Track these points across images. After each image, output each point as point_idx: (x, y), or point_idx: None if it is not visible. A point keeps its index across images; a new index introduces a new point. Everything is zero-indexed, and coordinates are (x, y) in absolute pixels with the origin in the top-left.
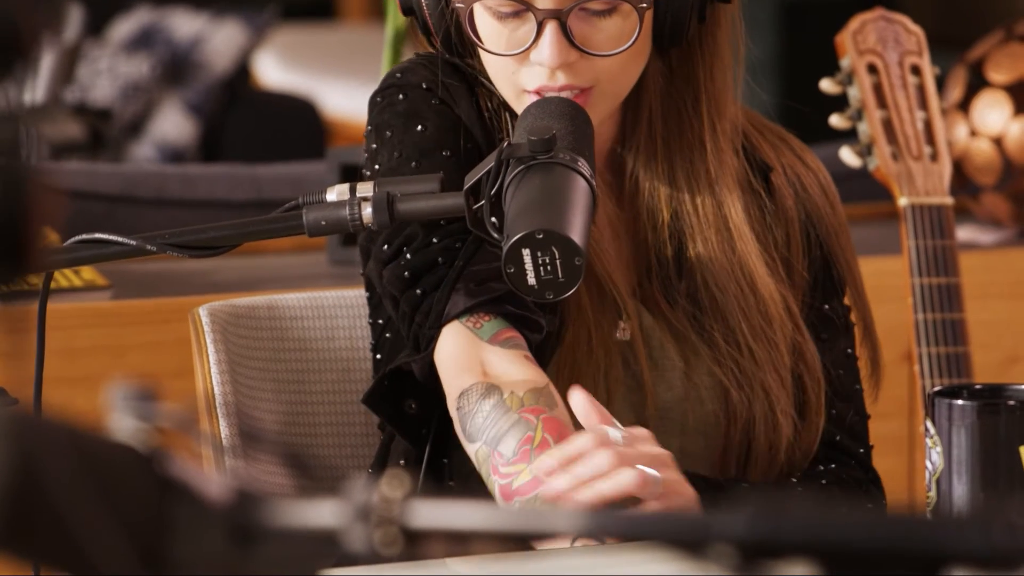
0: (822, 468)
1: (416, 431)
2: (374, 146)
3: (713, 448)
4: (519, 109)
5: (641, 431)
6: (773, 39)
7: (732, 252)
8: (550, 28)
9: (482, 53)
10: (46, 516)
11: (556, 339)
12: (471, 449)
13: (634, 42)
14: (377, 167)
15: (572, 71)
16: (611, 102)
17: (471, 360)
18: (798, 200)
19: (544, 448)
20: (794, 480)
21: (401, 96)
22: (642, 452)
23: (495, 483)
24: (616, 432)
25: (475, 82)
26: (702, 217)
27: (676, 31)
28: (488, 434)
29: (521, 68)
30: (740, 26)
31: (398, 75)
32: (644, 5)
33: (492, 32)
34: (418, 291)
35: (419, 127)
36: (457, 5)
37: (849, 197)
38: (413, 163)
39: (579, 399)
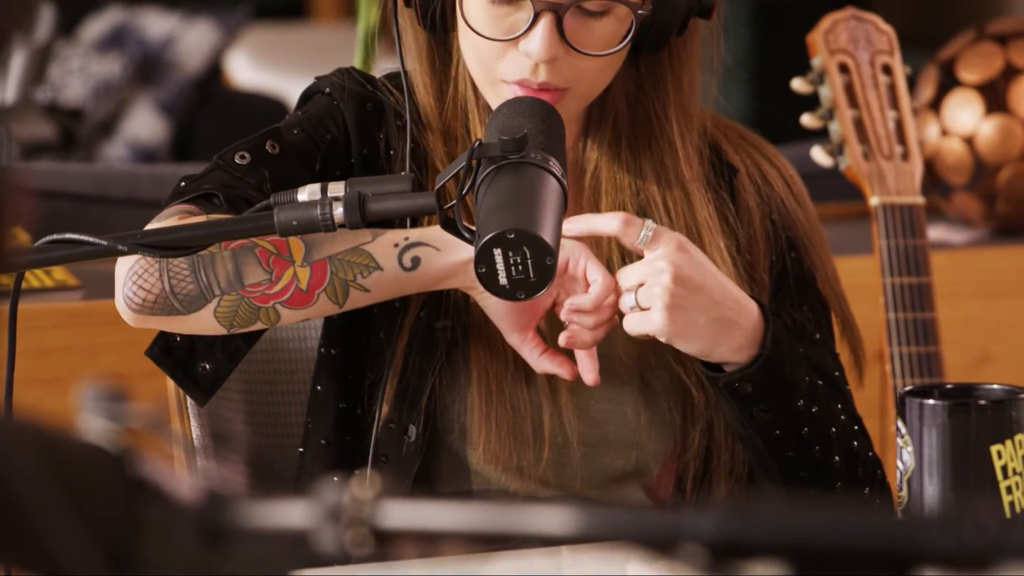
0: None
1: (208, 390)
2: None
3: (668, 443)
4: (490, 97)
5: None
6: (745, 38)
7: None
8: (545, 20)
9: (464, 34)
10: (14, 517)
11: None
12: (208, 312)
13: (624, 45)
14: None
15: (554, 68)
16: (581, 104)
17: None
18: (763, 200)
19: (282, 250)
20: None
21: (308, 99)
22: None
23: (274, 306)
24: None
25: (396, 104)
26: (673, 216)
27: (657, 41)
28: (218, 283)
29: (504, 56)
30: (716, 40)
31: (315, 81)
32: (641, 12)
33: (483, 14)
34: None
35: (299, 113)
36: None
37: (820, 197)
38: (268, 141)
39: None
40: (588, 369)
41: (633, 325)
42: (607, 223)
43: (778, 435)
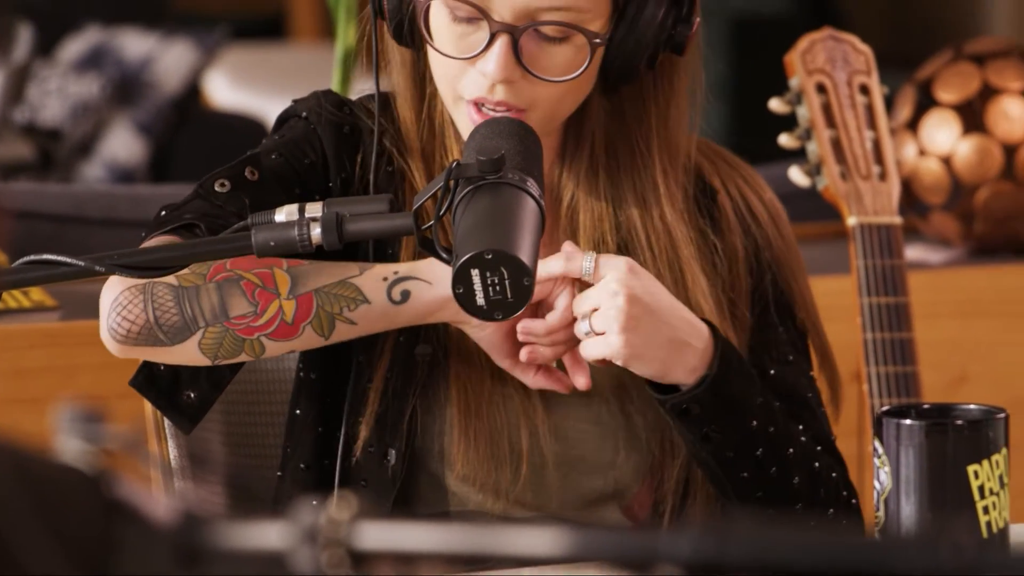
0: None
1: (193, 419)
2: None
3: (646, 465)
4: (455, 113)
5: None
6: (723, 59)
7: (684, 290)
8: (501, 41)
9: (430, 50)
10: None
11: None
12: (192, 344)
13: (580, 74)
14: None
15: (512, 89)
16: (543, 127)
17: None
18: (747, 231)
19: (268, 282)
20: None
21: (284, 123)
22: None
23: (259, 338)
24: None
25: (374, 129)
26: (656, 252)
27: (624, 73)
28: (202, 315)
29: (464, 74)
30: (700, 76)
31: (292, 104)
32: (598, 40)
33: (445, 32)
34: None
35: (276, 137)
36: None
37: (798, 217)
38: (247, 168)
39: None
40: (578, 374)
41: (590, 350)
42: (554, 267)
43: (731, 456)
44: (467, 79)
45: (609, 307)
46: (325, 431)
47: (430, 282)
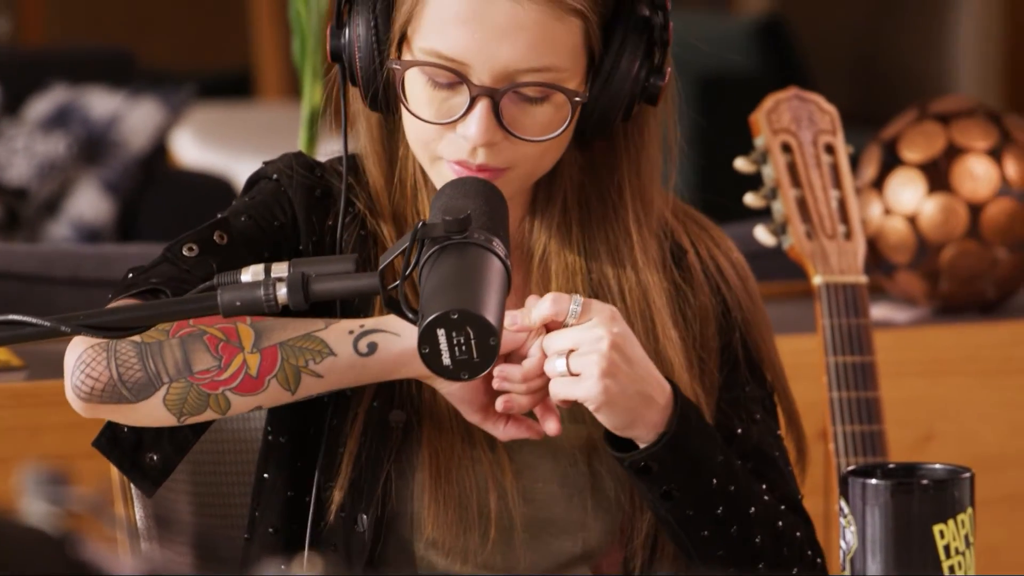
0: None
1: (156, 481)
2: None
3: (616, 525)
4: (432, 174)
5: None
6: (688, 117)
7: (654, 340)
8: (481, 105)
9: (405, 115)
10: None
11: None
12: (157, 400)
13: (562, 132)
14: None
15: (493, 151)
16: (521, 184)
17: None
18: (716, 291)
19: (231, 336)
20: None
21: (255, 184)
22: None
23: (223, 393)
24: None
25: (343, 193)
26: (629, 304)
27: (601, 127)
28: (166, 370)
29: (443, 137)
30: (674, 131)
31: (263, 165)
32: (578, 99)
33: (423, 98)
34: None
35: (246, 199)
36: (393, 67)
37: (764, 276)
38: (216, 232)
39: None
40: (549, 419)
41: (561, 389)
42: (543, 310)
43: (691, 514)
44: (445, 142)
45: (591, 350)
46: (295, 495)
47: (398, 334)
